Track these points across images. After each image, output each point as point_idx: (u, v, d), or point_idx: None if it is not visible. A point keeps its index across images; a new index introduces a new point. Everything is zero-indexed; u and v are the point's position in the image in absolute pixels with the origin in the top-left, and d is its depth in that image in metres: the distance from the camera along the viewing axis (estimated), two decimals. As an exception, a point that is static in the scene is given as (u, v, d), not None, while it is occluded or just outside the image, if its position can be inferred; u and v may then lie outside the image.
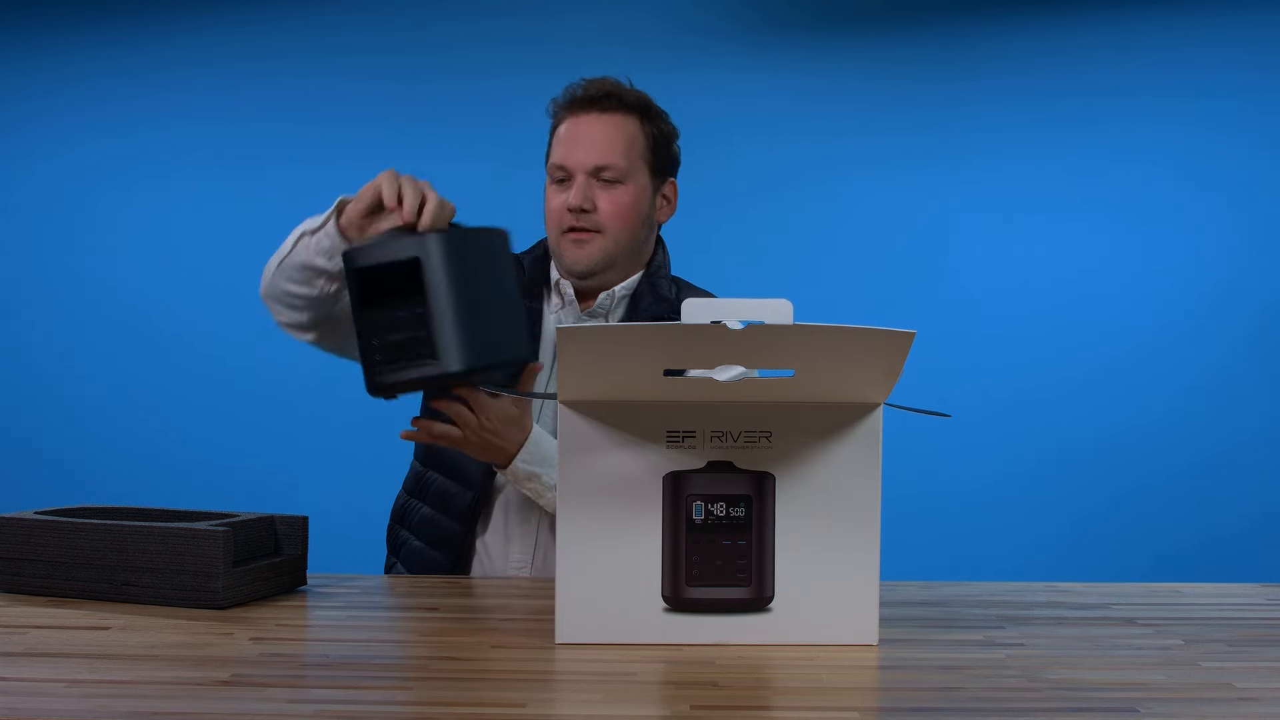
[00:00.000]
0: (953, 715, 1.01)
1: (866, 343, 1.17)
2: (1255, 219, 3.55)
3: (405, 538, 1.88)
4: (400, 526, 1.91)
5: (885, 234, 3.63)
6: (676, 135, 1.90)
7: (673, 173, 1.91)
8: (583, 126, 1.82)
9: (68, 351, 3.78)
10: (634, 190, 1.82)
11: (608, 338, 1.17)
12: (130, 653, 1.17)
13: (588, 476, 1.23)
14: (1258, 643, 1.30)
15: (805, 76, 3.67)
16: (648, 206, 1.85)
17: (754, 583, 1.24)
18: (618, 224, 1.81)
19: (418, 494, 1.88)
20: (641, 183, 1.83)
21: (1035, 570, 2.62)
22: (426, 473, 1.87)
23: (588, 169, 1.79)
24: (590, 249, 1.81)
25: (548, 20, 3.69)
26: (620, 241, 1.82)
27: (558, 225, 1.82)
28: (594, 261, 1.81)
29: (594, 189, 1.80)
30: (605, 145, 1.80)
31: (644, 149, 1.83)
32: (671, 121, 1.89)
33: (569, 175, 1.81)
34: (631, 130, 1.82)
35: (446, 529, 1.82)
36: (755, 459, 1.24)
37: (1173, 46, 3.58)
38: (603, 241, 1.81)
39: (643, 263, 1.89)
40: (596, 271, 1.82)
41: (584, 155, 1.80)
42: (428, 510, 1.85)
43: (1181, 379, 3.54)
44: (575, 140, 1.81)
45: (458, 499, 1.82)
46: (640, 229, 1.84)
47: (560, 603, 1.23)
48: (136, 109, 3.80)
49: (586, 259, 1.81)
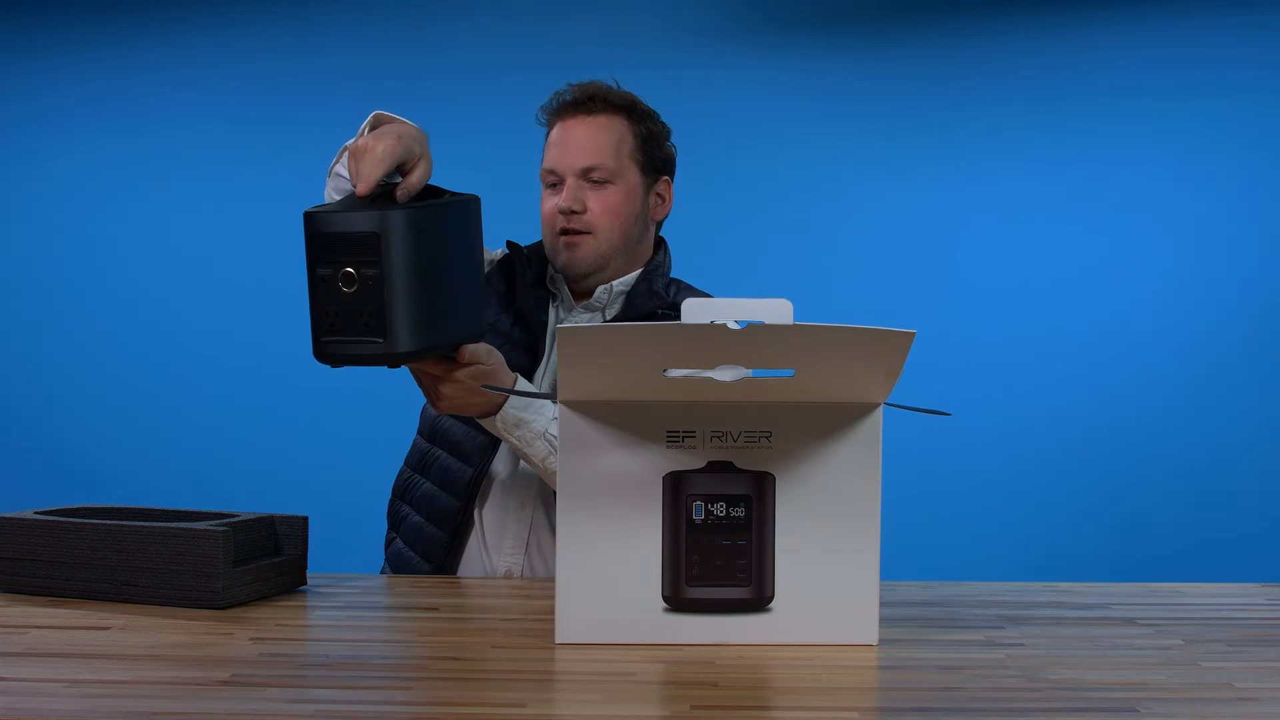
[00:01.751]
0: (953, 715, 1.01)
1: (866, 343, 1.17)
2: (1255, 219, 3.55)
3: (406, 513, 1.89)
4: (401, 501, 1.91)
5: (885, 234, 3.63)
6: (668, 134, 1.92)
7: (666, 171, 1.92)
8: (570, 130, 1.84)
9: (68, 351, 3.78)
10: (624, 190, 1.84)
11: (608, 338, 1.17)
12: (130, 653, 1.17)
13: (588, 476, 1.23)
14: (1258, 643, 1.30)
15: (805, 76, 3.66)
16: (639, 205, 1.86)
17: (754, 583, 1.24)
18: (608, 223, 1.83)
19: (421, 470, 1.89)
20: (631, 182, 1.85)
21: (1035, 570, 2.62)
22: (431, 449, 1.88)
23: (576, 171, 1.82)
24: (582, 251, 1.83)
25: (548, 21, 3.69)
26: (612, 241, 1.83)
27: (551, 229, 1.85)
28: (586, 263, 1.83)
29: (584, 190, 1.82)
30: (592, 146, 1.82)
31: (633, 148, 1.85)
32: (661, 120, 1.91)
33: (560, 179, 1.83)
34: (619, 130, 1.84)
35: (446, 505, 1.83)
36: (755, 459, 1.24)
37: (1173, 46, 3.58)
38: (594, 242, 1.83)
39: (641, 261, 1.90)
40: (590, 273, 1.85)
41: (572, 158, 1.82)
42: (429, 486, 1.86)
43: (1181, 379, 3.54)
44: (564, 144, 1.84)
45: (458, 475, 1.82)
46: (632, 228, 1.86)
47: (560, 603, 1.23)
48: (138, 109, 3.80)
49: (579, 262, 1.83)
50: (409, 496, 1.89)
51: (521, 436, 1.67)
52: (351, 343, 1.42)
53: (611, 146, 1.83)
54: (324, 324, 1.42)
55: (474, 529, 1.84)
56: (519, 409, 1.65)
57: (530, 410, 1.66)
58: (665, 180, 1.92)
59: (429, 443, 1.90)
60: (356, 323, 1.41)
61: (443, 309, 1.46)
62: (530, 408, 1.66)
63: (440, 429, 1.87)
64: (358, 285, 1.39)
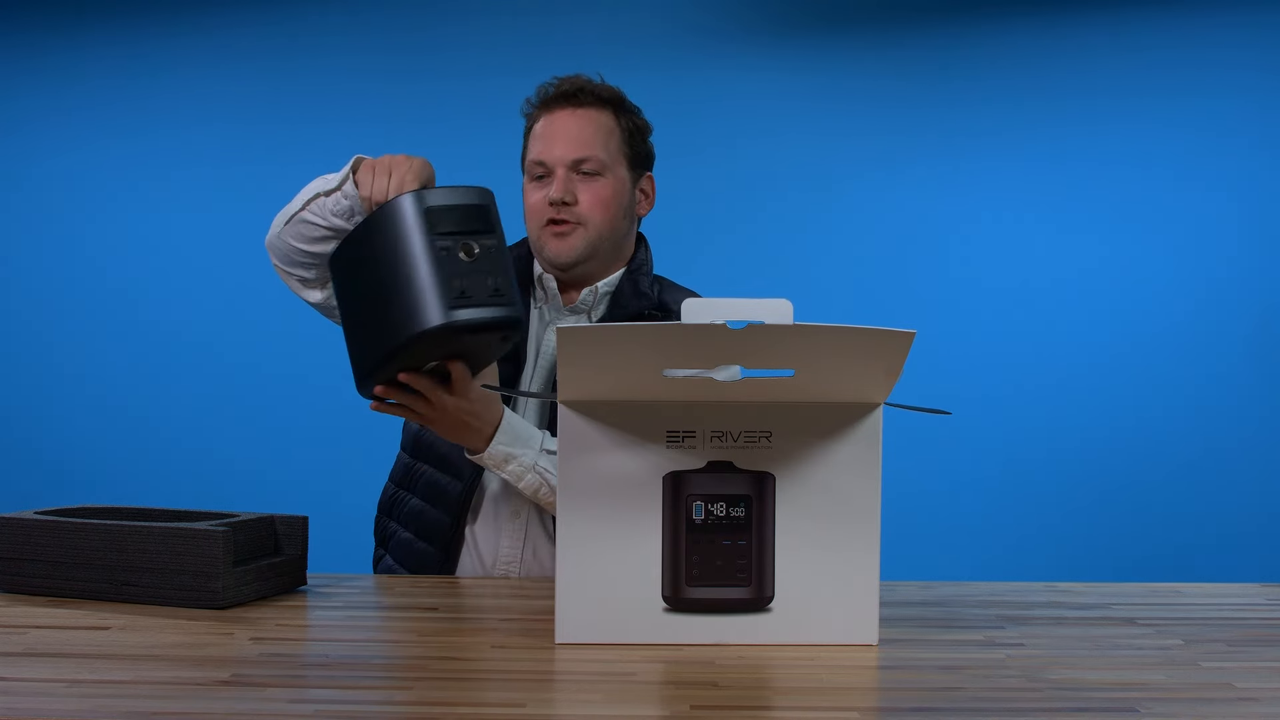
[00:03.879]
0: (953, 715, 1.01)
1: (866, 343, 1.17)
2: (1256, 219, 3.55)
3: (394, 529, 1.87)
4: (388, 518, 1.90)
5: (885, 234, 3.62)
6: (650, 130, 1.91)
7: (649, 167, 1.91)
8: (560, 122, 1.82)
9: (68, 352, 3.78)
10: (614, 182, 1.82)
11: (608, 337, 1.17)
12: (130, 653, 1.17)
13: (588, 476, 1.23)
14: (1258, 643, 1.30)
15: (805, 77, 3.66)
16: (628, 199, 1.86)
17: (754, 583, 1.24)
18: (599, 215, 1.81)
19: (406, 485, 1.87)
20: (620, 175, 1.84)
21: (1035, 570, 2.61)
22: (415, 464, 1.86)
23: (567, 163, 1.80)
24: (572, 240, 1.81)
25: (548, 21, 3.69)
26: (602, 233, 1.82)
27: (538, 220, 1.82)
28: (576, 253, 1.81)
29: (574, 182, 1.81)
30: (583, 138, 1.81)
31: (621, 141, 1.84)
32: (644, 116, 1.90)
33: (548, 171, 1.82)
34: (608, 123, 1.84)
35: (436, 520, 1.81)
36: (755, 459, 1.24)
37: (1173, 46, 3.58)
38: (585, 233, 1.81)
39: (624, 258, 1.89)
40: (579, 262, 1.82)
41: (563, 149, 1.81)
42: (417, 502, 1.84)
43: (1181, 379, 3.54)
44: (553, 135, 1.82)
45: (448, 490, 1.81)
46: (621, 221, 1.85)
47: (560, 603, 1.23)
48: (137, 109, 3.79)
49: (569, 250, 1.81)
50: (396, 513, 1.87)
51: (511, 471, 1.66)
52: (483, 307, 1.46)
53: (601, 138, 1.82)
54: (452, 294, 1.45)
55: (466, 543, 1.82)
56: (507, 444, 1.63)
57: (518, 444, 1.64)
58: (648, 176, 1.91)
59: (413, 457, 1.88)
60: (483, 289, 1.46)
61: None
62: (518, 441, 1.64)
63: (425, 443, 1.84)
64: (479, 253, 1.46)
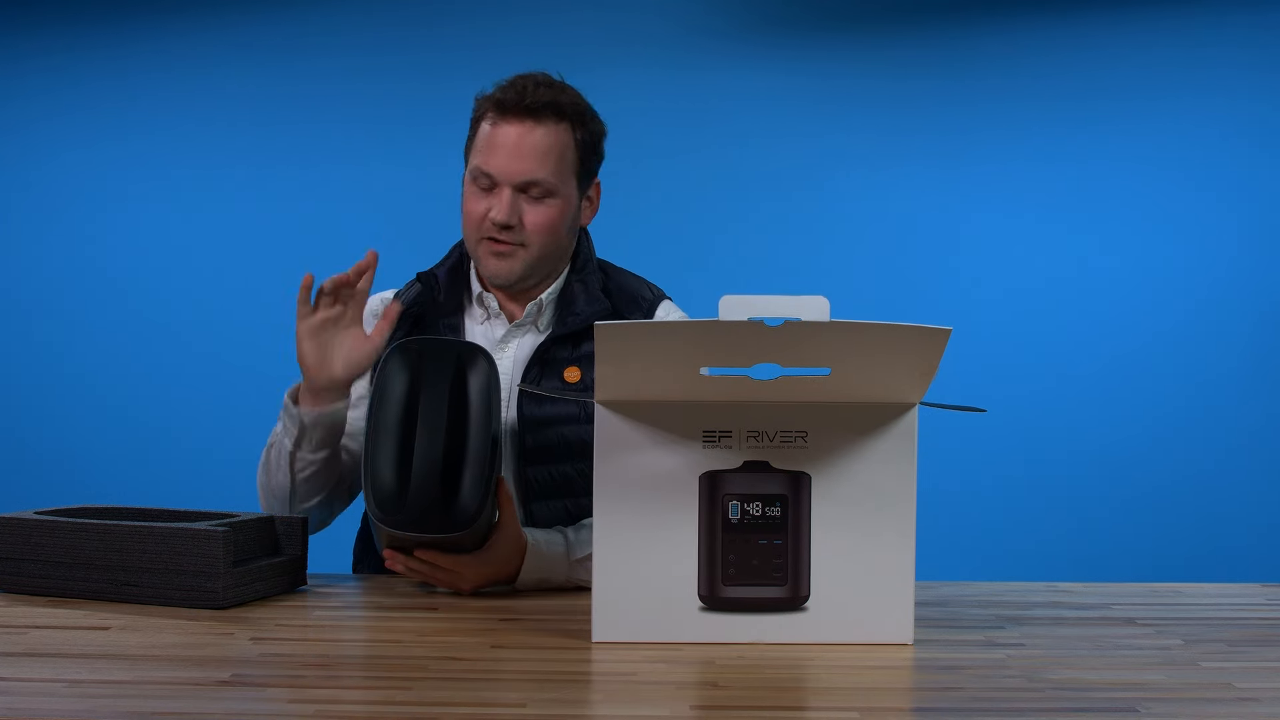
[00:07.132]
0: (953, 715, 1.01)
1: (902, 340, 1.17)
2: (1257, 220, 3.55)
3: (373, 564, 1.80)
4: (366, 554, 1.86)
5: (885, 234, 3.62)
6: (605, 133, 1.81)
7: (597, 173, 1.82)
8: (514, 136, 1.70)
9: (68, 351, 3.78)
10: (560, 204, 1.73)
11: (644, 335, 1.18)
12: (130, 653, 1.17)
13: (624, 476, 1.23)
14: (1258, 643, 1.30)
15: (805, 76, 3.66)
16: (573, 215, 1.78)
17: (790, 582, 1.24)
18: (542, 238, 1.73)
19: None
20: (569, 193, 1.75)
21: (1035, 570, 2.61)
22: None
23: (515, 183, 1.70)
24: (512, 262, 1.73)
25: (548, 21, 3.69)
26: (545, 254, 1.74)
27: (477, 232, 1.74)
28: (515, 275, 1.74)
29: (520, 202, 1.71)
30: (535, 159, 1.70)
31: (573, 160, 1.74)
32: (600, 119, 1.80)
33: (494, 184, 1.72)
34: (563, 140, 1.73)
35: None
36: (791, 459, 1.24)
37: (1174, 46, 3.58)
38: (526, 254, 1.73)
39: (566, 262, 1.82)
40: (516, 283, 1.76)
41: (513, 168, 1.69)
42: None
43: (1182, 379, 3.54)
44: (504, 149, 1.70)
45: None
46: (565, 239, 1.77)
47: (596, 602, 1.23)
48: (135, 109, 3.79)
49: (508, 272, 1.74)
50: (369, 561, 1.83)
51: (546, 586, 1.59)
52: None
53: (554, 160, 1.71)
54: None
55: None
56: (535, 572, 1.56)
57: (545, 569, 1.57)
58: (596, 183, 1.82)
59: None
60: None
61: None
62: (543, 568, 1.57)
63: None
64: None
